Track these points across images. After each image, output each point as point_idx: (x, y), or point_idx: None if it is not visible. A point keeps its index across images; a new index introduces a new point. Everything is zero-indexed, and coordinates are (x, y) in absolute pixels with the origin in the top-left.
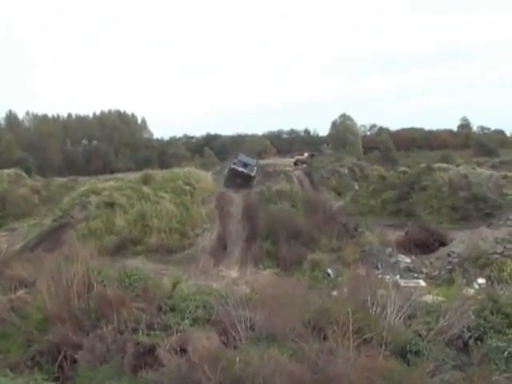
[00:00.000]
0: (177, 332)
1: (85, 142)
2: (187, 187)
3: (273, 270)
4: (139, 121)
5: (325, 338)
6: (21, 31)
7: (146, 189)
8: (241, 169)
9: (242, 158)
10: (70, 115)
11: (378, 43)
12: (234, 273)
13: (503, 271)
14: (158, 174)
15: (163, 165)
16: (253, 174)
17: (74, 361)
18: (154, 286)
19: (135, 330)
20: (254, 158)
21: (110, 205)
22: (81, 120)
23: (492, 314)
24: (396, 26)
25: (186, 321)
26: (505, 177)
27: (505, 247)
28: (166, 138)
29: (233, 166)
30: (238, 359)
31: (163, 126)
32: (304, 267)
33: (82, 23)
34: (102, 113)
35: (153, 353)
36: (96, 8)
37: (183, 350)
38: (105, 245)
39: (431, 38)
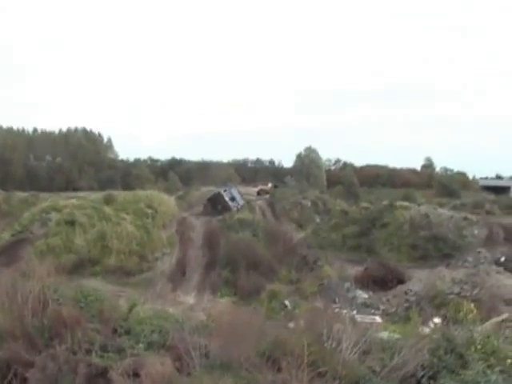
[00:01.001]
0: (131, 355)
1: (49, 157)
2: (149, 210)
3: (230, 299)
4: (105, 140)
5: (279, 370)
6: None
7: (107, 209)
8: (227, 199)
9: (234, 191)
10: (35, 130)
11: (348, 78)
12: (191, 299)
13: (459, 312)
14: (121, 194)
15: (126, 186)
16: (234, 210)
17: (25, 379)
18: (110, 308)
19: (89, 351)
20: (242, 198)
21: (71, 223)
22: (46, 135)
23: (446, 353)
24: (360, 63)
25: (141, 345)
26: (465, 218)
27: (462, 288)
28: (131, 159)
29: (222, 193)
30: None
31: (129, 147)
32: (262, 297)
33: (51, 38)
34: (68, 130)
35: (105, 375)
36: (65, 24)
37: (136, 374)
38: (63, 263)
39: (401, 75)
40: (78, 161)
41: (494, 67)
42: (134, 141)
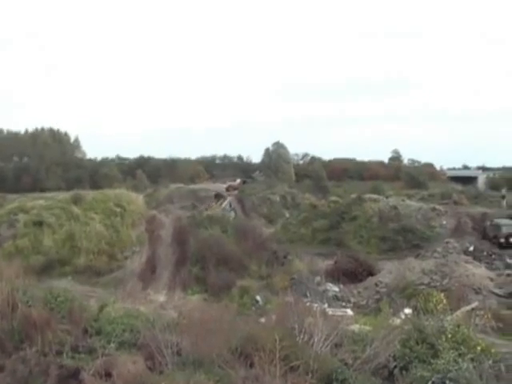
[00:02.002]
0: (102, 356)
1: (15, 158)
2: (118, 209)
3: (201, 296)
4: (72, 139)
5: (251, 365)
6: None
7: (75, 209)
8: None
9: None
10: (1, 131)
11: (314, 72)
12: (162, 297)
13: (429, 302)
14: (89, 194)
15: (95, 185)
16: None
17: None
18: (80, 308)
19: (59, 353)
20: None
21: (39, 224)
22: (12, 136)
23: (417, 343)
24: (330, 57)
25: (112, 344)
26: (433, 209)
27: (431, 278)
28: (99, 158)
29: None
30: None
31: (96, 146)
32: (233, 293)
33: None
34: (35, 130)
35: (77, 376)
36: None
37: (108, 374)
38: (32, 264)
39: (365, 69)
40: (46, 161)
41: (457, 59)
42: (101, 140)
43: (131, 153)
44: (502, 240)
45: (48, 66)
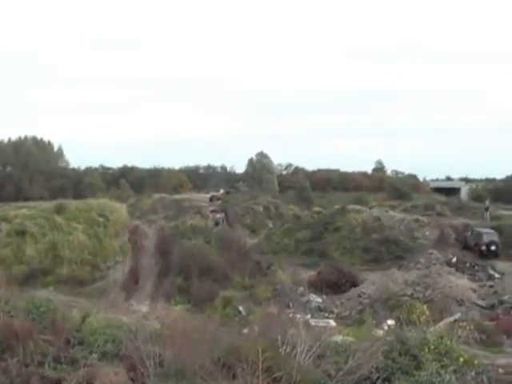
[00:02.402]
0: (84, 366)
1: None
2: (101, 219)
3: (184, 306)
4: (56, 148)
5: (234, 376)
6: None
7: (58, 218)
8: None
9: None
10: None
11: (297, 85)
12: (144, 307)
13: (412, 313)
14: (72, 204)
15: (78, 195)
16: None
17: None
18: (62, 319)
19: (41, 364)
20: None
21: (21, 233)
22: None
23: (400, 355)
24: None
25: (94, 355)
26: (416, 220)
27: (414, 290)
28: (83, 167)
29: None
30: None
31: (80, 156)
32: (216, 304)
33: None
34: (18, 138)
35: None
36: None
37: None
38: (14, 274)
39: (350, 82)
40: (29, 170)
41: (440, 72)
42: (85, 149)
43: (115, 162)
44: (483, 248)
45: (29, 72)
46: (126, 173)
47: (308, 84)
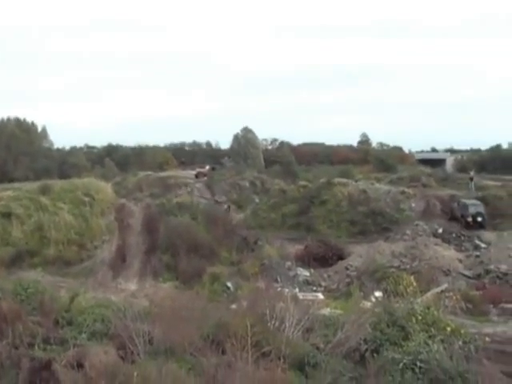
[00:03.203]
0: (74, 346)
1: None
2: (86, 198)
3: (172, 283)
4: (39, 129)
5: (223, 352)
6: None
7: (44, 199)
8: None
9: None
10: None
11: (282, 61)
12: (133, 286)
13: (399, 284)
14: (57, 184)
15: (63, 175)
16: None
17: None
18: (51, 300)
19: (31, 345)
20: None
21: (7, 215)
22: None
23: (388, 326)
24: (297, 46)
25: (84, 335)
26: (402, 192)
27: (401, 261)
28: (67, 147)
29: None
30: (135, 374)
31: (64, 136)
32: (204, 280)
33: None
34: (1, 120)
35: (49, 368)
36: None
37: (80, 365)
38: (0, 256)
39: (334, 58)
40: (13, 151)
41: (426, 48)
42: (69, 129)
43: (99, 141)
44: (470, 219)
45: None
46: (111, 152)
47: (293, 60)
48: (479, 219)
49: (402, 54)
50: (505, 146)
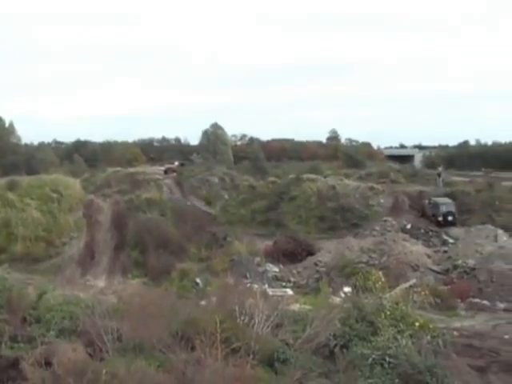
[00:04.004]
0: (42, 344)
1: None
2: (54, 194)
3: (141, 280)
4: (7, 124)
5: (193, 349)
6: None
7: (11, 195)
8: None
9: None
10: None
11: (251, 57)
12: (101, 282)
13: (368, 280)
14: (25, 180)
15: (31, 171)
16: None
17: None
18: (18, 297)
19: None
20: None
21: None
22: None
23: (357, 322)
24: (267, 41)
25: (52, 332)
26: (371, 188)
27: (370, 256)
28: (35, 143)
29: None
30: (104, 371)
31: (32, 131)
32: (173, 277)
33: None
34: None
35: (16, 366)
36: None
37: (48, 363)
38: None
39: (303, 54)
40: None
41: (393, 42)
42: (37, 124)
43: (68, 137)
44: (440, 218)
45: None
46: (80, 147)
47: (260, 56)
48: (450, 218)
49: (369, 49)
50: (472, 142)
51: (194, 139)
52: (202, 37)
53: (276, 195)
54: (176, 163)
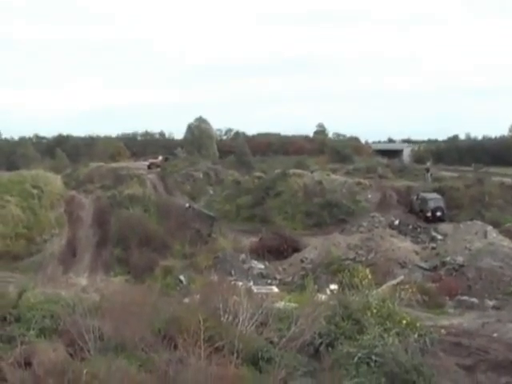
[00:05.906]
0: (22, 344)
1: None
2: (35, 190)
3: (124, 277)
4: None
5: (175, 347)
6: None
7: None
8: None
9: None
10: None
11: (236, 50)
12: (83, 280)
13: (355, 277)
14: (4, 176)
15: (11, 166)
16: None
17: None
18: None
19: None
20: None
21: None
22: None
23: (343, 320)
24: (253, 35)
25: (32, 332)
26: (358, 183)
27: (357, 253)
28: (16, 137)
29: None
30: (84, 371)
31: (13, 126)
32: (156, 274)
33: None
34: None
35: None
36: None
37: (28, 364)
38: None
39: (290, 47)
40: None
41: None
42: (18, 118)
43: (49, 131)
44: (429, 214)
45: None
46: (61, 142)
47: (246, 49)
48: (438, 214)
49: (357, 43)
50: (462, 136)
51: (178, 133)
52: (186, 31)
53: (262, 190)
54: (160, 158)
